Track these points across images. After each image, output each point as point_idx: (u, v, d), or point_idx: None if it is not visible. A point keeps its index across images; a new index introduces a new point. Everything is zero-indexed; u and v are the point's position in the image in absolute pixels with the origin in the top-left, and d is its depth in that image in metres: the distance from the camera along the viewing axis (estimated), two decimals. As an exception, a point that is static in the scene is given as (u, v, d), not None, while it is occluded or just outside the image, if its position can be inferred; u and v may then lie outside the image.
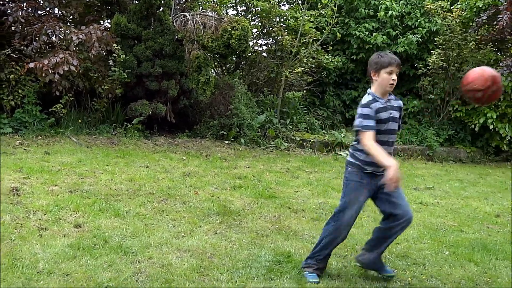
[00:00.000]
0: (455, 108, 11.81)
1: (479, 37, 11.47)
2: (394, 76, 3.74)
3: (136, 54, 9.67)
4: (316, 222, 5.53)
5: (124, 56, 9.40)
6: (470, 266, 4.53)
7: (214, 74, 11.81)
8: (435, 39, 11.98)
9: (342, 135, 11.03)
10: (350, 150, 3.97)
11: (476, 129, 11.27)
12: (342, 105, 13.68)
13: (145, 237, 4.53)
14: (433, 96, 12.32)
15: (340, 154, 10.35)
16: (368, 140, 3.64)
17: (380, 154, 3.56)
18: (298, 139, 10.81)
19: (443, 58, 11.54)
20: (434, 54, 11.69)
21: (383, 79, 3.73)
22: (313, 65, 12.26)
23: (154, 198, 5.83)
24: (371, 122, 3.67)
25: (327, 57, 12.38)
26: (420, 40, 12.42)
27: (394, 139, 3.92)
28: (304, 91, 12.72)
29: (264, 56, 12.68)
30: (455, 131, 12.08)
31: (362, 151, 3.79)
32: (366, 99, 3.77)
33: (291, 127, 11.43)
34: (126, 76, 9.37)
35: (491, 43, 11.37)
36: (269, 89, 12.35)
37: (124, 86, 9.66)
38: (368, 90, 3.85)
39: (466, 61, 11.44)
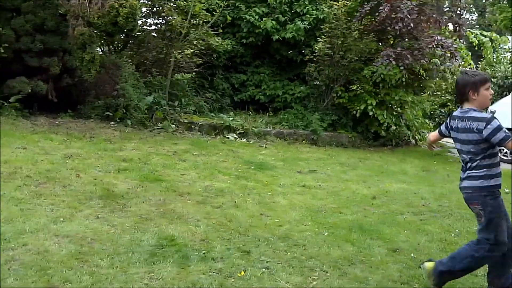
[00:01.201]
0: (338, 95, 12.22)
1: (362, 27, 11.99)
2: (491, 91, 3.76)
3: (14, 27, 9.07)
4: (201, 205, 5.55)
5: (0, 29, 8.79)
6: (347, 246, 4.76)
7: (100, 52, 11.38)
8: (322, 26, 12.33)
9: (231, 119, 11.10)
10: (478, 172, 3.66)
11: (357, 115, 11.76)
12: (231, 89, 13.73)
13: (20, 223, 4.31)
14: (318, 82, 12.71)
15: (228, 137, 10.42)
16: None
17: None
18: (187, 121, 10.74)
19: (328, 46, 11.91)
20: (321, 41, 12.04)
21: (484, 96, 3.68)
22: (202, 47, 12.19)
23: (31, 181, 5.54)
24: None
25: (217, 39, 12.37)
26: (308, 27, 12.73)
27: None
28: (194, 73, 12.63)
29: (153, 36, 12.42)
30: (338, 117, 12.51)
31: (491, 165, 3.65)
32: (485, 114, 3.64)
33: (179, 110, 11.29)
34: (3, 51, 8.77)
35: (373, 33, 11.90)
36: (157, 70, 12.12)
37: (1, 61, 9.04)
38: (471, 108, 3.69)
39: (350, 49, 11.88)
